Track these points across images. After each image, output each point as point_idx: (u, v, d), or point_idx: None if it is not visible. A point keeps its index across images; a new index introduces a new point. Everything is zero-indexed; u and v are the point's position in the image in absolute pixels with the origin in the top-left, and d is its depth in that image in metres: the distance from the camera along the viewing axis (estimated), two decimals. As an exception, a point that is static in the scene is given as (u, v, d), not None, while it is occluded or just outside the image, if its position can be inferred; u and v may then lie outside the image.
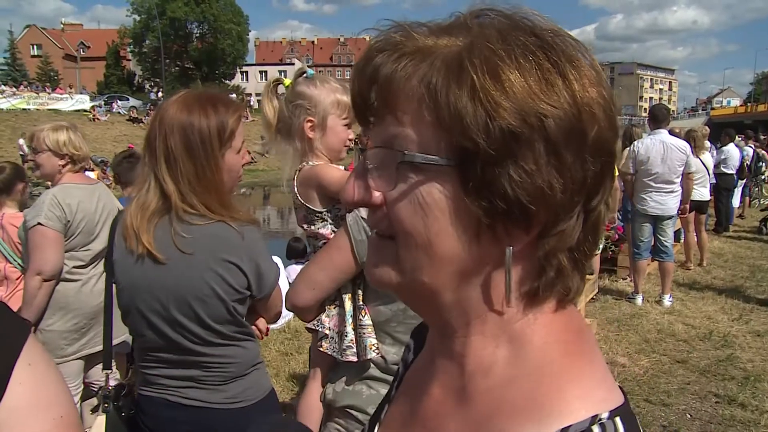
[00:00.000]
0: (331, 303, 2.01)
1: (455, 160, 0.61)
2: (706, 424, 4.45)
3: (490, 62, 0.60)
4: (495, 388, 0.66)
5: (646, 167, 7.01)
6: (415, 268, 0.66)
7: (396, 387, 0.88)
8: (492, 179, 0.60)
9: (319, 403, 2.07)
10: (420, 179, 0.63)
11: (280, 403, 4.83)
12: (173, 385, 2.05)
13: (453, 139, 0.60)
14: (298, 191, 2.12)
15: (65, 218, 3.26)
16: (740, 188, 13.95)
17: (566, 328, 0.68)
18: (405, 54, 0.63)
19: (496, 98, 0.59)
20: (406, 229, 0.64)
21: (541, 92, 0.59)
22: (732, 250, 10.82)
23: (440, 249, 0.64)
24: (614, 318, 6.83)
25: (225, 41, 69.13)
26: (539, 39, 0.62)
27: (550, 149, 0.60)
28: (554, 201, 0.61)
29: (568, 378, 0.63)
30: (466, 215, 0.62)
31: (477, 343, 0.68)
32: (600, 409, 0.60)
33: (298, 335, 6.41)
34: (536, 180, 0.60)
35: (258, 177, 37.90)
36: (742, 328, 6.48)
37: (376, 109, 0.67)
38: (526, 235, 0.63)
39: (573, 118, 0.60)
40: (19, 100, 43.02)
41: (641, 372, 5.34)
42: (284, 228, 22.39)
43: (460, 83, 0.60)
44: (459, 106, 0.59)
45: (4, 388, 0.87)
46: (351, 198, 0.69)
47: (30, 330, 0.97)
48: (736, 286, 8.30)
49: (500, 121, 0.58)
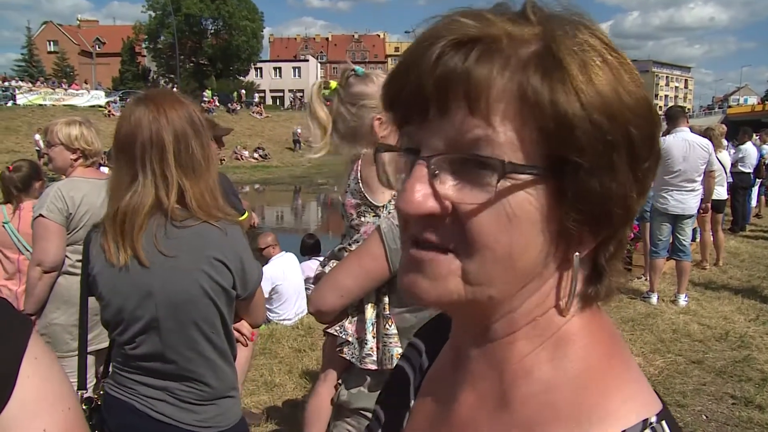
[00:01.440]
0: (355, 312, 1.99)
1: (553, 170, 0.57)
2: (722, 425, 4.40)
3: (585, 61, 0.57)
4: (537, 394, 0.63)
5: (669, 165, 6.91)
6: (485, 282, 0.61)
7: (414, 393, 0.84)
8: (589, 189, 0.57)
9: (328, 405, 2.06)
10: (511, 189, 0.57)
11: (292, 401, 4.86)
12: (145, 394, 1.98)
13: (556, 147, 0.56)
14: (362, 176, 2.02)
15: (67, 211, 3.26)
16: (757, 187, 13.82)
17: (602, 329, 0.67)
18: (485, 47, 0.57)
19: (597, 103, 0.56)
20: (486, 242, 0.58)
21: (625, 93, 0.58)
22: (749, 249, 10.71)
23: (521, 262, 0.60)
24: (629, 317, 6.78)
25: (239, 38, 69.26)
26: (598, 38, 0.59)
27: (632, 156, 0.59)
28: (631, 208, 0.60)
29: (611, 382, 0.62)
30: (555, 226, 0.59)
31: (522, 347, 0.65)
32: (648, 413, 0.59)
33: (311, 332, 6.42)
34: (621, 188, 0.59)
35: (271, 174, 38.08)
36: (759, 329, 6.40)
37: (442, 105, 0.58)
38: (594, 241, 0.62)
39: (649, 124, 0.59)
40: (36, 96, 43.45)
41: (656, 372, 5.29)
42: (298, 225, 22.47)
43: (558, 87, 0.55)
44: (568, 113, 0.55)
45: (14, 382, 0.88)
46: (414, 207, 0.60)
47: (33, 325, 0.98)
48: (753, 286, 8.21)
49: (601, 127, 0.56)
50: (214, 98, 51.60)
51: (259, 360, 5.54)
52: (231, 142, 42.02)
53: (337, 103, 2.08)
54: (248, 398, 4.86)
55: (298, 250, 8.22)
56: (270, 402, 4.87)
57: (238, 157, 40.79)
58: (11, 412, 0.86)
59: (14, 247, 4.23)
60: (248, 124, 48.96)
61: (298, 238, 9.47)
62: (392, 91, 0.64)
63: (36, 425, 0.89)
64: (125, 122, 1.94)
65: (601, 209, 0.59)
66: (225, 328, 2.04)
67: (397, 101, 0.63)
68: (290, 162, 42.37)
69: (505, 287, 0.62)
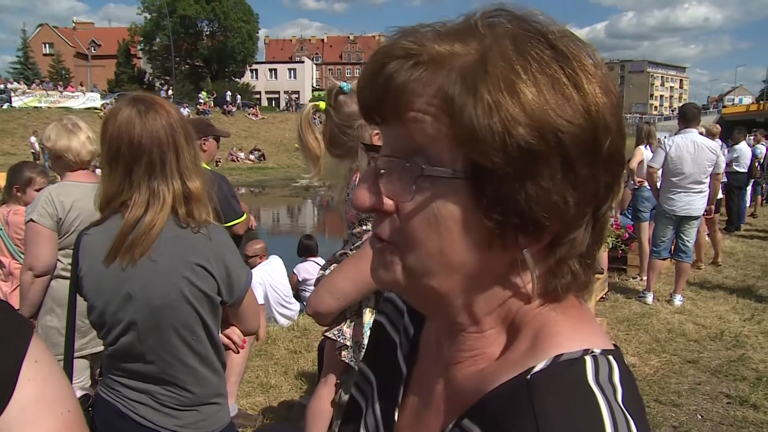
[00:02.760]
0: (354, 315, 2.00)
1: (470, 175, 0.61)
2: (717, 425, 4.41)
3: (506, 77, 0.59)
4: (504, 357, 0.68)
5: (676, 166, 6.90)
6: (424, 274, 0.66)
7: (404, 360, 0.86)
8: (507, 195, 0.60)
9: (329, 408, 2.07)
10: (435, 192, 0.62)
11: (288, 402, 4.86)
12: (129, 396, 1.98)
13: (469, 154, 0.60)
14: None
15: (57, 215, 3.25)
16: (751, 187, 13.86)
17: (578, 319, 0.69)
18: (419, 63, 0.62)
19: (514, 115, 0.58)
20: (419, 239, 0.64)
21: (558, 107, 0.59)
22: (744, 249, 10.73)
23: (451, 258, 0.65)
24: (624, 317, 6.80)
25: (235, 39, 69.29)
26: (554, 49, 0.61)
27: (566, 165, 0.60)
28: (567, 214, 0.62)
29: (564, 326, 0.66)
30: (479, 227, 0.63)
31: (494, 336, 0.70)
32: (591, 345, 0.64)
33: (307, 333, 6.42)
34: (551, 195, 0.60)
35: (267, 175, 38.06)
36: (754, 328, 6.42)
37: (386, 114, 0.65)
38: (538, 244, 0.64)
39: (588, 133, 0.61)
40: (32, 99, 43.38)
41: (651, 372, 5.30)
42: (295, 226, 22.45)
43: (476, 99, 0.59)
44: (476, 123, 0.58)
45: (14, 385, 0.88)
46: (364, 204, 0.67)
47: (33, 328, 0.98)
48: (747, 285, 8.23)
49: (517, 138, 0.58)
50: (210, 99, 51.50)
51: (254, 361, 5.53)
52: (227, 143, 41.95)
53: (330, 126, 2.06)
54: (244, 399, 4.85)
55: (294, 251, 8.21)
56: (266, 403, 4.87)
57: (233, 159, 40.75)
58: (11, 414, 0.86)
59: (6, 250, 4.25)
60: (244, 126, 48.92)
61: (292, 239, 9.45)
62: (359, 101, 0.70)
63: (36, 428, 0.89)
64: (111, 125, 1.93)
65: (525, 213, 0.61)
66: (208, 334, 2.00)
67: (361, 107, 0.70)
68: (286, 164, 42.36)
69: (446, 280, 0.66)
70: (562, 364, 0.61)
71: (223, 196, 4.03)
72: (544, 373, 0.61)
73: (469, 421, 0.65)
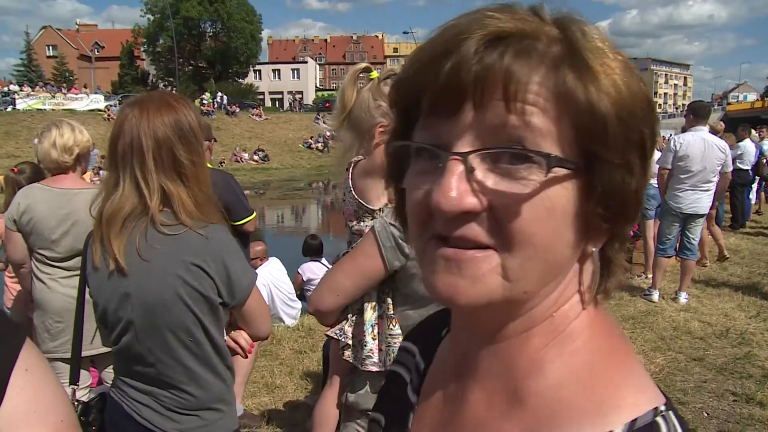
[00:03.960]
0: (355, 312, 2.00)
1: (586, 165, 0.59)
2: (723, 422, 4.40)
3: (604, 62, 0.59)
4: (550, 388, 0.64)
5: (685, 164, 6.87)
6: (523, 277, 0.61)
7: (415, 393, 0.84)
8: (615, 185, 0.60)
9: (335, 410, 2.07)
10: (550, 182, 0.58)
11: (293, 402, 4.86)
12: (132, 396, 1.98)
13: (589, 143, 0.59)
14: (354, 184, 2.07)
15: (12, 217, 3.42)
16: (756, 184, 13.81)
17: (605, 323, 0.70)
18: (518, 39, 0.58)
19: (619, 101, 0.59)
20: (526, 237, 0.59)
21: (635, 93, 0.60)
22: (749, 246, 10.69)
23: (555, 256, 0.62)
24: (629, 315, 6.78)
25: (238, 40, 69.33)
26: (603, 39, 0.61)
27: (643, 153, 0.62)
28: (641, 203, 0.64)
29: (621, 374, 0.64)
30: (582, 220, 0.61)
31: (536, 345, 0.67)
32: (658, 402, 0.62)
33: (312, 333, 6.43)
34: (636, 183, 0.62)
35: (271, 175, 38.08)
36: (760, 326, 6.40)
37: (479, 101, 0.58)
38: (606, 236, 0.65)
39: (653, 122, 0.62)
40: (35, 101, 43.42)
41: (657, 370, 5.29)
42: (300, 226, 22.46)
43: (595, 83, 0.58)
44: (602, 109, 0.58)
45: (2, 395, 0.86)
46: (453, 204, 0.58)
47: (26, 334, 0.96)
48: (753, 282, 8.20)
49: (627, 127, 0.59)
50: (214, 101, 51.52)
51: (260, 362, 5.54)
52: (230, 144, 42.06)
53: (364, 90, 2.09)
54: (249, 400, 4.86)
55: (299, 251, 8.21)
56: (271, 404, 4.87)
57: (237, 160, 40.77)
58: None
59: None
60: (248, 127, 48.92)
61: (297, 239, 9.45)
62: (415, 85, 0.63)
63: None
64: (114, 126, 1.96)
65: (621, 204, 0.61)
66: (209, 337, 1.97)
67: (421, 95, 0.62)
68: (290, 164, 42.37)
69: (539, 282, 0.63)
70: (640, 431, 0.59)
71: (234, 194, 4.05)
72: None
73: None
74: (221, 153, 39.65)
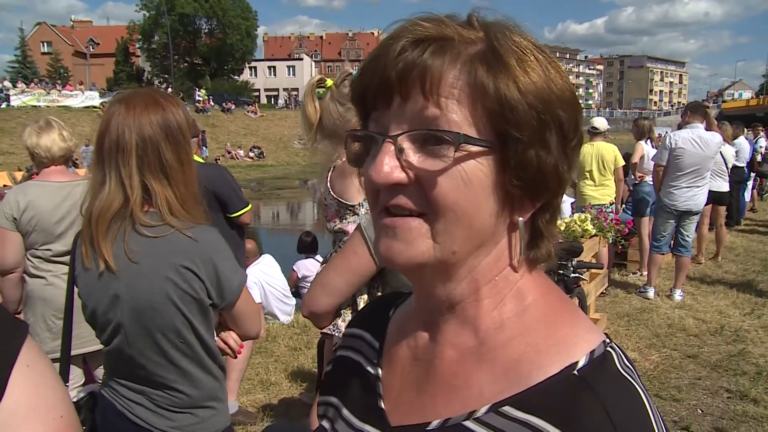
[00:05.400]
0: (348, 307, 2.00)
1: (498, 143, 0.69)
2: (717, 419, 4.41)
3: (521, 58, 0.70)
4: (513, 338, 0.76)
5: (680, 161, 6.87)
6: (449, 239, 0.71)
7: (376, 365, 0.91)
8: (527, 159, 0.70)
9: None
10: (465, 157, 0.69)
11: (288, 399, 4.86)
12: (125, 395, 1.97)
13: (500, 124, 0.69)
14: (332, 186, 2.11)
15: (12, 215, 3.32)
16: (751, 181, 13.84)
17: (547, 284, 0.82)
18: (437, 41, 0.69)
19: (532, 90, 0.69)
20: (447, 204, 0.69)
21: (553, 84, 0.71)
22: (744, 243, 10.73)
23: (476, 221, 0.71)
24: (624, 312, 6.80)
25: (234, 37, 69.15)
26: (529, 41, 0.72)
27: (560, 133, 0.72)
28: (563, 178, 0.73)
29: (572, 319, 0.78)
30: (501, 190, 0.71)
31: (488, 305, 0.78)
32: (603, 337, 0.76)
33: (307, 330, 6.42)
34: (554, 160, 0.71)
35: (267, 172, 38.06)
36: (754, 323, 6.43)
37: (408, 93, 0.69)
38: (533, 208, 0.74)
39: (573, 109, 0.73)
40: (30, 98, 43.38)
41: (652, 367, 5.31)
42: (294, 223, 22.46)
43: (506, 75, 0.68)
44: (508, 97, 0.68)
45: (3, 391, 0.86)
46: (389, 178, 0.70)
47: (27, 331, 0.96)
48: (748, 280, 8.23)
49: (536, 110, 0.69)
50: (209, 97, 51.44)
51: (254, 359, 5.53)
52: (224, 141, 42.01)
53: (327, 100, 2.13)
54: (244, 397, 4.86)
55: (294, 248, 8.20)
56: (266, 400, 4.87)
57: (233, 157, 40.74)
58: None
59: None
60: (243, 124, 48.90)
61: (295, 236, 9.44)
62: (363, 83, 0.75)
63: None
64: (101, 123, 1.93)
65: (538, 177, 0.71)
66: (199, 338, 1.96)
67: (366, 91, 0.74)
68: (285, 161, 42.35)
69: (465, 243, 0.73)
70: (598, 360, 0.72)
71: (230, 186, 4.05)
72: (589, 369, 0.70)
73: (514, 409, 0.71)
74: (216, 150, 39.60)
